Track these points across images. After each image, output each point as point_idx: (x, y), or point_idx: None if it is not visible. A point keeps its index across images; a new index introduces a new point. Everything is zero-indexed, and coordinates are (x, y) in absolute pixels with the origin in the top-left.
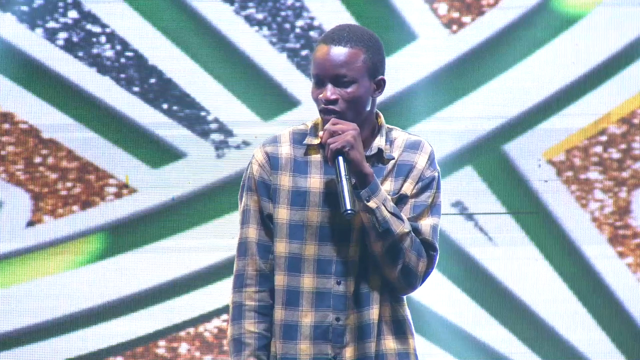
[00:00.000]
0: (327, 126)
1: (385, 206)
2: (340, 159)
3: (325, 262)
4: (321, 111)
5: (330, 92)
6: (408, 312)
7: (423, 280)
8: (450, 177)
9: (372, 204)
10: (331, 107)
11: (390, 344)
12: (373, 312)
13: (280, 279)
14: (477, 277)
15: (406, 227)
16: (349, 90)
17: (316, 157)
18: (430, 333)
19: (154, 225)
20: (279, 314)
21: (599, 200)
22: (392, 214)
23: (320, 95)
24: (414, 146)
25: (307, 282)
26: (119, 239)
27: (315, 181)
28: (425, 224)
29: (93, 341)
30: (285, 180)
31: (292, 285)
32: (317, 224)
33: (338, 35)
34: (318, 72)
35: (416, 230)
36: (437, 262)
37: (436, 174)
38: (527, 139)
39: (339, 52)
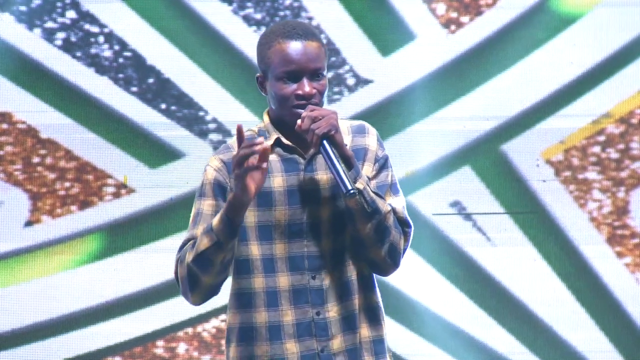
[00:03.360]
0: (306, 113)
1: (368, 186)
2: (326, 143)
3: (297, 259)
4: (295, 107)
5: (309, 86)
6: (380, 299)
7: (402, 257)
8: (449, 177)
9: (359, 185)
10: (313, 100)
11: (365, 332)
12: (355, 302)
13: (259, 282)
14: (475, 277)
15: (388, 206)
16: (322, 82)
17: (272, 157)
18: (429, 333)
19: (152, 225)
20: (262, 316)
21: (597, 200)
22: (375, 193)
23: (299, 91)
24: (360, 130)
25: (283, 280)
26: (117, 239)
27: (278, 180)
28: (395, 202)
29: (91, 341)
30: None
31: (270, 286)
32: (285, 223)
33: (302, 30)
34: (295, 67)
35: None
36: (411, 238)
37: (387, 153)
38: (526, 139)
39: (312, 46)
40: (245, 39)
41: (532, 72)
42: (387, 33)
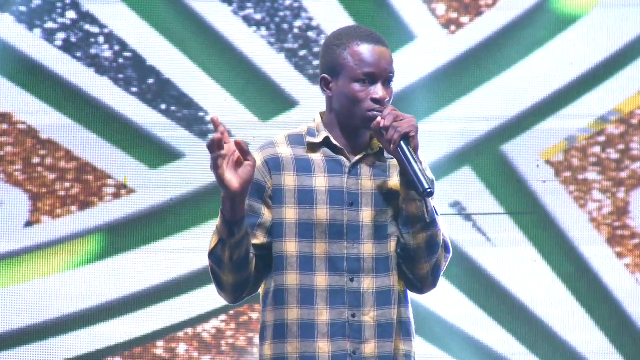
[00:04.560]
0: (388, 111)
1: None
2: (402, 143)
3: (336, 260)
4: (370, 110)
5: (383, 91)
6: (412, 315)
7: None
8: (449, 177)
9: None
10: (385, 106)
11: (399, 344)
12: (393, 312)
13: (293, 278)
14: (475, 277)
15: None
16: (390, 90)
17: (317, 157)
18: (429, 334)
19: (152, 226)
20: (293, 313)
21: (597, 200)
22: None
23: (375, 95)
24: None
25: (320, 280)
26: (117, 239)
27: (320, 180)
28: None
29: (91, 341)
30: (289, 180)
31: (306, 284)
32: (326, 222)
33: (378, 36)
34: (374, 70)
35: None
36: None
37: (432, 177)
38: (526, 139)
39: (388, 53)
40: (245, 39)
41: (532, 73)
42: (387, 33)
